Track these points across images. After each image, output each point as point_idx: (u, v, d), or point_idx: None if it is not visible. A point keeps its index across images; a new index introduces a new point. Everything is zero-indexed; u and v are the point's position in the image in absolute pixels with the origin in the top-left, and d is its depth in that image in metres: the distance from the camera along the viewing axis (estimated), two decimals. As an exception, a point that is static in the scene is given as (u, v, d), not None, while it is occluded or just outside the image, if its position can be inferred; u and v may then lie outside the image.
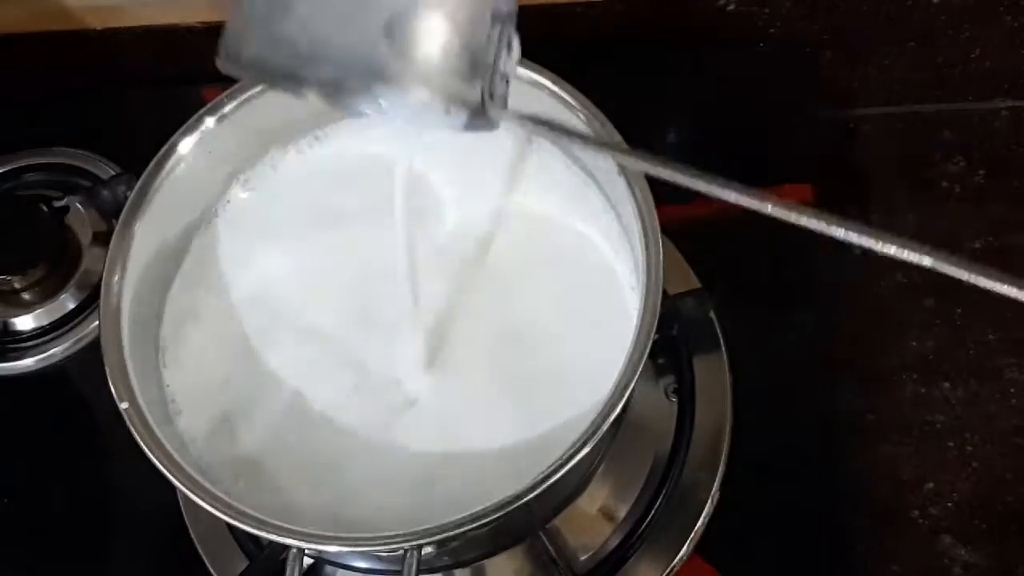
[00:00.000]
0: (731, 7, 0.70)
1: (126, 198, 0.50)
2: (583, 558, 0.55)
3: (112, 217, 0.65)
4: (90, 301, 0.64)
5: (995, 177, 0.70)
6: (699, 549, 0.56)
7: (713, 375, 0.59)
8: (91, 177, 0.68)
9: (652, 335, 0.44)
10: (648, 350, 0.43)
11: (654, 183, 0.47)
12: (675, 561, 0.55)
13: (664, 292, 0.45)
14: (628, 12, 0.70)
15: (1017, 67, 0.72)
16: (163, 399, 0.50)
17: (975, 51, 0.72)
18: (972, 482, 0.62)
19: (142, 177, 0.50)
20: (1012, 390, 0.64)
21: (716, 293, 0.57)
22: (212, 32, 0.72)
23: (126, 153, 0.67)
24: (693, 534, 0.55)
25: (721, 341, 0.59)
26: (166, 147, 0.51)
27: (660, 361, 0.59)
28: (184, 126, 0.51)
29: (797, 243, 0.65)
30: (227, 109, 0.51)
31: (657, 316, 0.44)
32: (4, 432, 0.64)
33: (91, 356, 0.49)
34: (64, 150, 0.70)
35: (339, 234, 0.54)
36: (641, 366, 0.43)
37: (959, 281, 0.71)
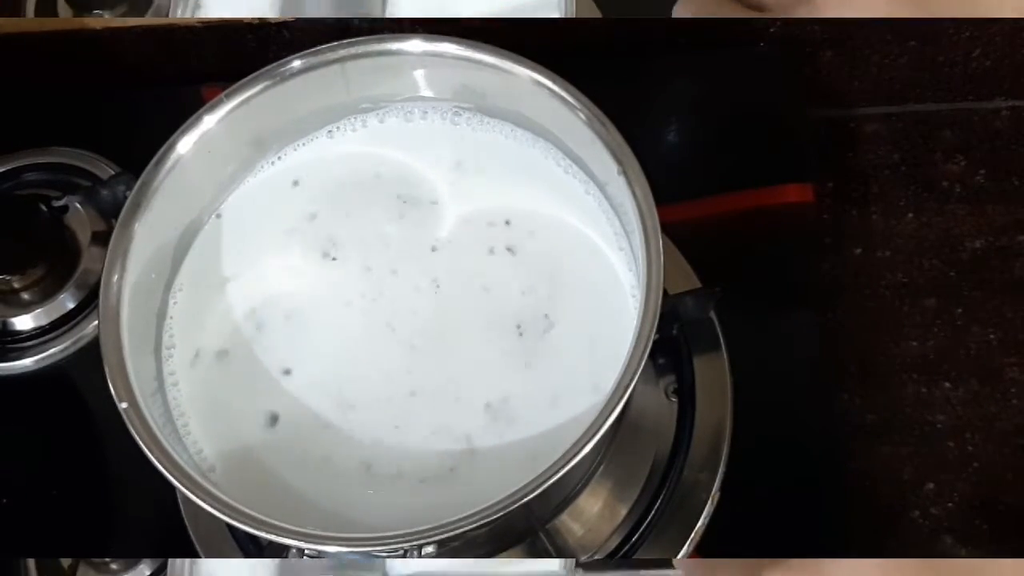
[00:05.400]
0: (731, 7, 0.70)
1: (126, 198, 0.50)
2: (583, 558, 0.55)
3: (112, 217, 0.65)
4: (90, 301, 0.64)
5: (995, 177, 0.70)
6: (699, 549, 0.56)
7: (713, 375, 0.59)
8: (91, 177, 0.68)
9: (652, 335, 0.44)
10: (648, 350, 0.43)
11: (654, 183, 0.47)
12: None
13: (664, 292, 0.45)
14: (628, 12, 0.70)
15: (1017, 67, 0.72)
16: (163, 399, 0.50)
17: (975, 51, 0.71)
18: (973, 482, 0.62)
19: (142, 177, 0.50)
20: (1013, 390, 0.64)
21: (719, 292, 0.57)
22: (212, 32, 0.72)
23: (126, 153, 0.67)
24: (693, 534, 0.55)
25: (721, 341, 0.59)
26: (166, 147, 0.50)
27: (660, 361, 0.59)
28: (184, 126, 0.51)
29: (797, 243, 0.66)
30: (227, 109, 0.51)
31: (657, 316, 0.44)
32: (4, 432, 0.64)
33: (91, 356, 0.49)
34: (63, 150, 0.69)
35: (341, 235, 0.54)
36: (641, 366, 0.43)
37: (960, 281, 0.71)
